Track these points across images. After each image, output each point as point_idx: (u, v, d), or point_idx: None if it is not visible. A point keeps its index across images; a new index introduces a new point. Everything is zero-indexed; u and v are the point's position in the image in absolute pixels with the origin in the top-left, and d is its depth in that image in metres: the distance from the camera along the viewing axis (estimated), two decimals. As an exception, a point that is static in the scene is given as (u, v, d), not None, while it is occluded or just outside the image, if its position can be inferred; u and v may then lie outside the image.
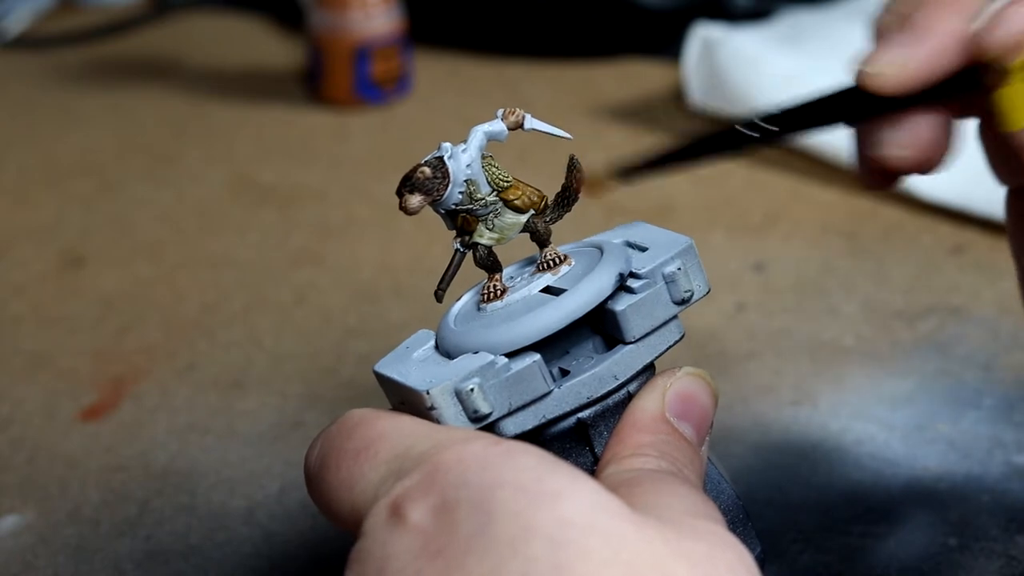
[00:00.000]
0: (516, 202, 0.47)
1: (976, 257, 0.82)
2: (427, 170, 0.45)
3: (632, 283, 0.46)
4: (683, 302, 0.46)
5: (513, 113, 0.47)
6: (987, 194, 0.82)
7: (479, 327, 0.45)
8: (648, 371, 0.47)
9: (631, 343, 0.46)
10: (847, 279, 0.81)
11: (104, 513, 0.64)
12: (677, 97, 1.04)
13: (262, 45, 1.20)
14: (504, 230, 0.47)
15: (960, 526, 0.60)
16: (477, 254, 0.47)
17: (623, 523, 0.38)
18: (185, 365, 0.75)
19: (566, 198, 0.48)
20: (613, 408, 0.46)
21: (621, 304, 0.46)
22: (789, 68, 0.96)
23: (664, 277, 0.46)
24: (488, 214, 0.46)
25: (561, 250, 0.48)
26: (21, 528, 0.63)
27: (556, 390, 0.45)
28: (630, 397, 0.46)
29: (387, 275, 0.83)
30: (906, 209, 0.87)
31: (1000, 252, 0.82)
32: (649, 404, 0.45)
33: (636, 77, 1.09)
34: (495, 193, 0.46)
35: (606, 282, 0.45)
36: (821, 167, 0.91)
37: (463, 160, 0.45)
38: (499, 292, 0.47)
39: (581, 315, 0.45)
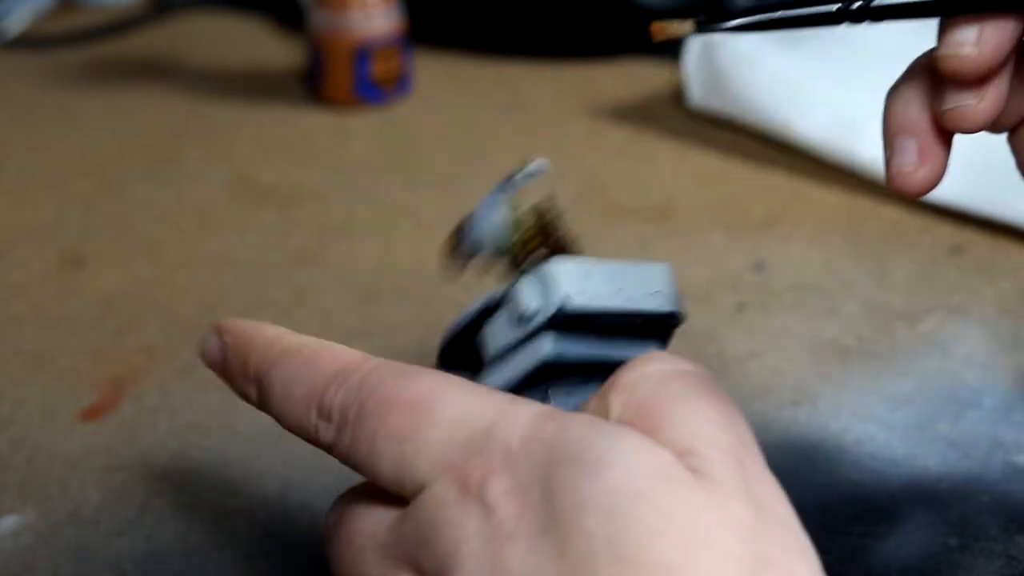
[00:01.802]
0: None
1: (976, 257, 0.82)
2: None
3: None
4: (522, 319, 0.46)
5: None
6: (987, 194, 0.83)
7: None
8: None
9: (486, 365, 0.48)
10: (847, 279, 0.81)
11: (104, 513, 0.64)
12: (677, 97, 1.04)
13: (262, 45, 1.20)
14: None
15: (960, 526, 0.60)
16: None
17: (671, 486, 0.37)
18: (185, 365, 0.75)
19: (526, 254, 0.49)
20: None
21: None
22: (789, 68, 0.96)
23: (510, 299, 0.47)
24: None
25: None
26: (21, 528, 0.63)
27: None
28: None
29: (387, 275, 0.83)
30: (906, 209, 0.87)
31: (1000, 252, 0.82)
32: None
33: (636, 77, 1.09)
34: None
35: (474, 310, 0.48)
36: (821, 167, 0.91)
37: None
38: None
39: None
